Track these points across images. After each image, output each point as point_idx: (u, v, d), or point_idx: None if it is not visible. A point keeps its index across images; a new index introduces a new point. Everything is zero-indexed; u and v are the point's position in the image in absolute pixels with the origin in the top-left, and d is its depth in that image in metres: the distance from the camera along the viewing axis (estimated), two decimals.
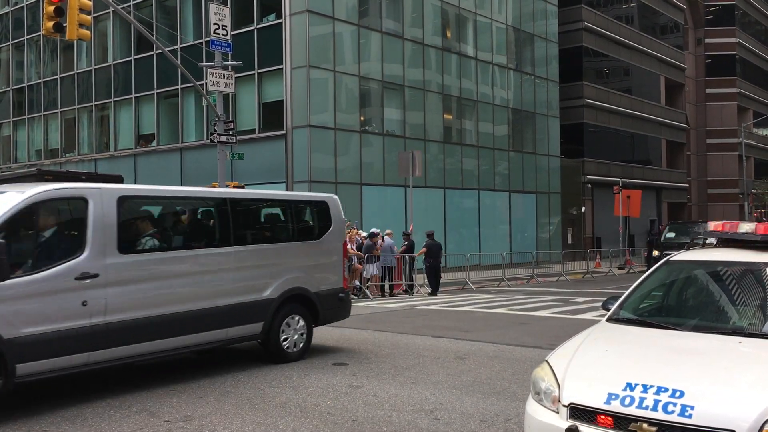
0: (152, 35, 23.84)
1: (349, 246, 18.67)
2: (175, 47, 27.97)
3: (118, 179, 8.15)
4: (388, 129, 29.13)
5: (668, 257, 5.90)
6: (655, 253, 24.55)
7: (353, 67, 27.69)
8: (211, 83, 19.92)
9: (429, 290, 20.54)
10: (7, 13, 38.90)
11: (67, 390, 7.42)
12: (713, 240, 5.87)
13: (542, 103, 37.34)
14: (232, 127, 21.12)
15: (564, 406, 4.19)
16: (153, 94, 31.20)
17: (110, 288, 6.97)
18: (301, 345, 9.14)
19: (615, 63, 45.49)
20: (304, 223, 9.96)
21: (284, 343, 8.89)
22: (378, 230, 20.07)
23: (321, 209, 9.82)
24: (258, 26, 27.67)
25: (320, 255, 9.56)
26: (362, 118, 28.32)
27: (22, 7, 37.80)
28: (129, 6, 30.86)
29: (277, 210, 9.93)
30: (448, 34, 32.30)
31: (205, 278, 8.01)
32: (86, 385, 7.68)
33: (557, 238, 37.36)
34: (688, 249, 6.04)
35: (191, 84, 21.18)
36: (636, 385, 4.04)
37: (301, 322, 9.14)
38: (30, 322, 6.35)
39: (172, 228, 8.40)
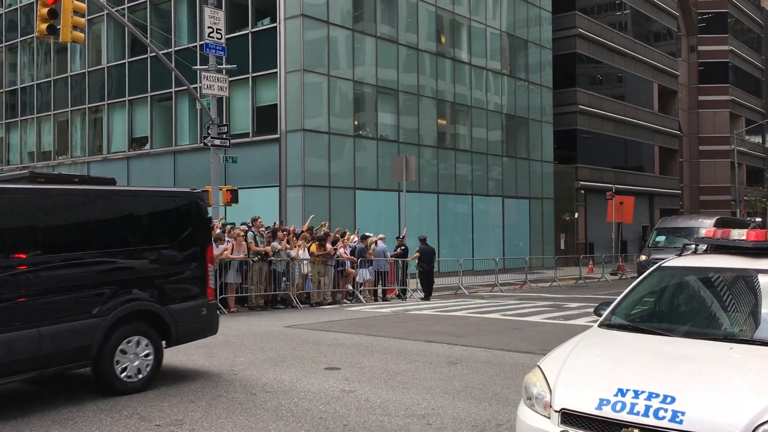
0: (146, 38, 23.77)
1: (341, 250, 18.70)
2: (170, 50, 27.93)
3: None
4: (382, 133, 29.15)
5: (660, 263, 5.92)
6: (642, 258, 24.81)
7: (347, 71, 27.71)
8: (206, 86, 19.95)
9: (422, 295, 20.51)
10: (1, 15, 38.79)
11: (57, 393, 7.38)
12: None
13: (536, 108, 37.44)
14: (226, 130, 21.11)
15: (555, 411, 4.19)
16: (147, 97, 31.13)
17: None
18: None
19: (608, 70, 45.66)
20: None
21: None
22: (371, 234, 20.06)
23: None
24: (253, 30, 27.67)
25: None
26: (356, 123, 28.33)
27: (16, 9, 37.71)
28: (123, 9, 30.82)
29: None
30: (443, 40, 32.38)
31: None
32: (77, 388, 7.64)
33: (550, 244, 37.43)
34: (680, 255, 6.06)
35: (185, 87, 21.16)
36: (627, 390, 4.04)
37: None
38: None
39: None
